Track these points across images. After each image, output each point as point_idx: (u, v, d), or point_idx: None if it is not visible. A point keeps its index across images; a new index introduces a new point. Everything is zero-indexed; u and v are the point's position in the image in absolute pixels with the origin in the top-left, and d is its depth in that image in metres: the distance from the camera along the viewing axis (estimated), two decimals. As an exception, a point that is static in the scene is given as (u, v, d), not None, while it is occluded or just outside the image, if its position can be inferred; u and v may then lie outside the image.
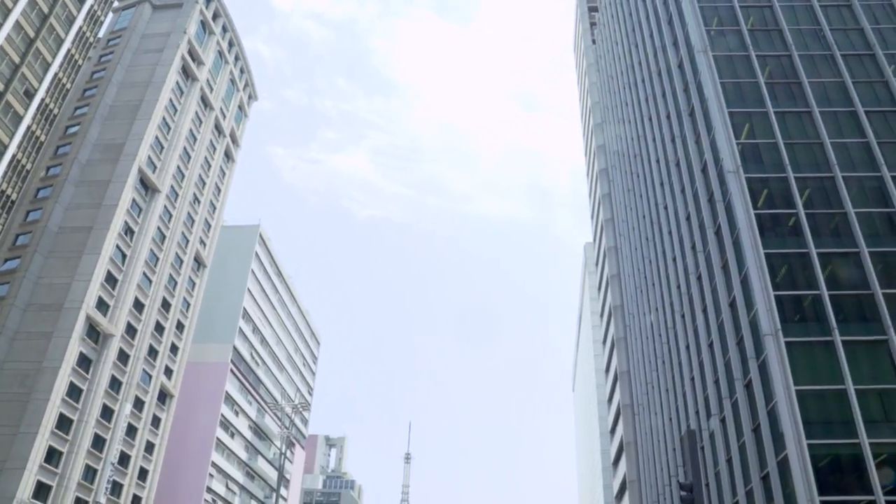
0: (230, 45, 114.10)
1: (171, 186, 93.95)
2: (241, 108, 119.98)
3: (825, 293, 40.42)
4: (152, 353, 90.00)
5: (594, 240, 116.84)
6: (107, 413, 79.91)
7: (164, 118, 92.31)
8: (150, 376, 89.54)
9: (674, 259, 60.61)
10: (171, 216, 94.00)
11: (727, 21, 54.67)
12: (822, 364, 38.32)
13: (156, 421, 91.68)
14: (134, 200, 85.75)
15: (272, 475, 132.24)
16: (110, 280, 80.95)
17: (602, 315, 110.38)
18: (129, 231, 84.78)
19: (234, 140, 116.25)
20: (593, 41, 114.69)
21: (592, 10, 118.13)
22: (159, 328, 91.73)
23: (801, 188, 45.04)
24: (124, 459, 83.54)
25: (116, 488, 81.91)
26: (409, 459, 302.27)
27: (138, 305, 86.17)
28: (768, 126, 48.17)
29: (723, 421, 46.79)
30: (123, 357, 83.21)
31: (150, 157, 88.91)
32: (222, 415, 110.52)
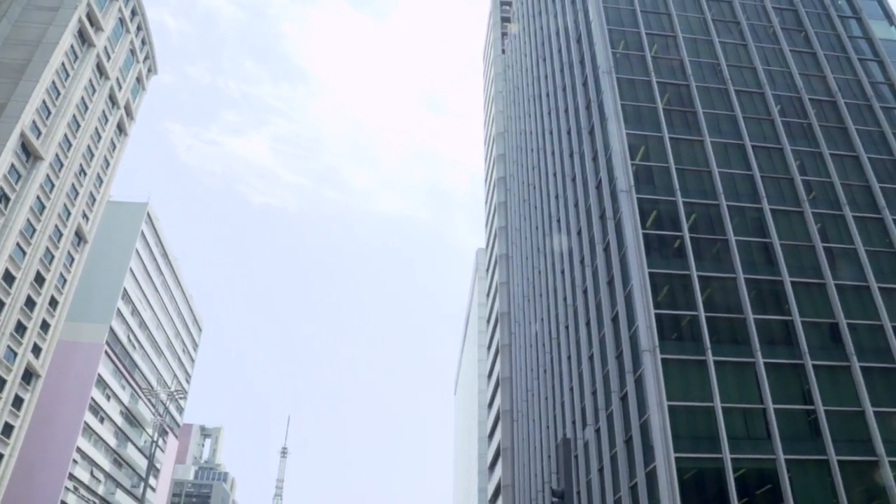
0: (133, 13, 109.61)
1: (56, 155, 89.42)
2: (139, 80, 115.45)
3: (702, 314, 42.31)
4: (20, 329, 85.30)
5: (487, 246, 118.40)
6: (-36, 388, 75.21)
7: (53, 82, 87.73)
8: (16, 354, 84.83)
9: (562, 271, 62.06)
10: (53, 186, 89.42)
11: (633, 46, 56.51)
12: (694, 381, 40.05)
13: (17, 401, 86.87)
14: (13, 166, 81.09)
15: (142, 464, 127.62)
16: (-20, 248, 76.26)
17: (489, 321, 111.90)
18: (4, 198, 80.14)
19: (128, 113, 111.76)
20: (503, 51, 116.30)
21: (505, 20, 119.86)
22: (30, 303, 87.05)
23: (688, 212, 47.01)
24: (-20, 438, 78.84)
25: (-32, 469, 77.17)
26: (286, 454, 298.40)
27: (8, 278, 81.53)
28: (662, 150, 50.03)
29: (598, 431, 48.22)
30: (-12, 330, 78.52)
31: (34, 122, 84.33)
32: (92, 398, 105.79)
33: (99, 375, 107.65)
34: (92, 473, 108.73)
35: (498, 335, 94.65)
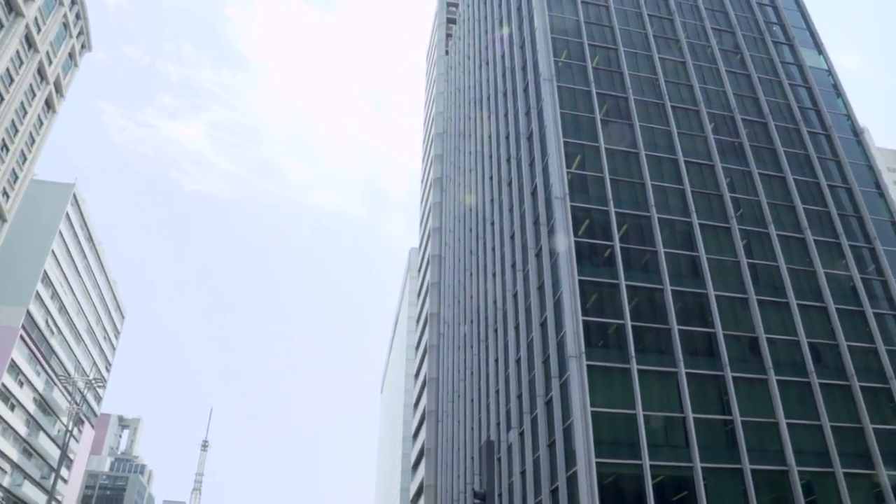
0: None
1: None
2: (71, 56, 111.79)
3: (628, 323, 43.08)
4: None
5: (420, 246, 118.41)
6: None
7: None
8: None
9: (493, 275, 62.44)
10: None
11: (575, 56, 57.24)
12: (618, 389, 40.74)
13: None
14: (-69, 137, 77.62)
15: (54, 454, 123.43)
16: None
17: (418, 321, 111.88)
18: (-80, 169, 76.59)
19: (58, 89, 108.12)
20: (447, 52, 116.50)
21: (451, 21, 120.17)
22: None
23: (619, 223, 47.82)
24: None
25: None
26: (207, 447, 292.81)
27: (-80, 252, 77.98)
28: (598, 160, 50.79)
29: (521, 434, 48.62)
30: None
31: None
32: (3, 384, 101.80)
33: (12, 360, 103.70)
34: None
35: (427, 335, 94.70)
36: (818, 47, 65.65)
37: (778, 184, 53.97)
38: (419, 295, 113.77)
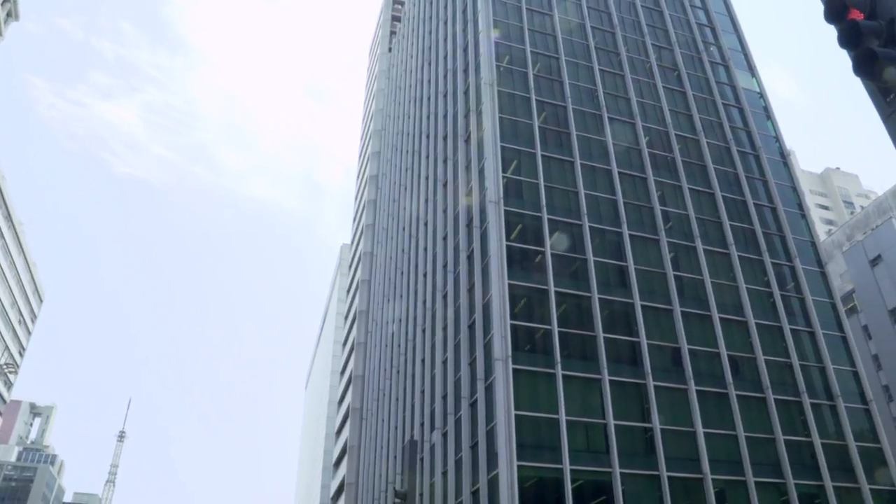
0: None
1: None
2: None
3: (555, 329, 43.55)
4: None
5: (352, 243, 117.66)
6: None
7: None
8: None
9: (424, 274, 62.40)
10: None
11: (517, 61, 57.64)
12: (542, 393, 41.16)
13: None
14: None
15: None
16: None
17: (347, 317, 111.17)
18: None
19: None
20: (390, 49, 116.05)
21: (396, 18, 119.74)
22: None
23: (551, 229, 48.34)
24: None
25: None
26: (124, 438, 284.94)
27: None
28: (534, 167, 51.23)
29: (445, 435, 48.66)
30: None
31: None
32: None
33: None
34: None
35: (355, 332, 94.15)
36: (752, 70, 67.58)
37: (707, 199, 55.33)
38: (349, 291, 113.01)
